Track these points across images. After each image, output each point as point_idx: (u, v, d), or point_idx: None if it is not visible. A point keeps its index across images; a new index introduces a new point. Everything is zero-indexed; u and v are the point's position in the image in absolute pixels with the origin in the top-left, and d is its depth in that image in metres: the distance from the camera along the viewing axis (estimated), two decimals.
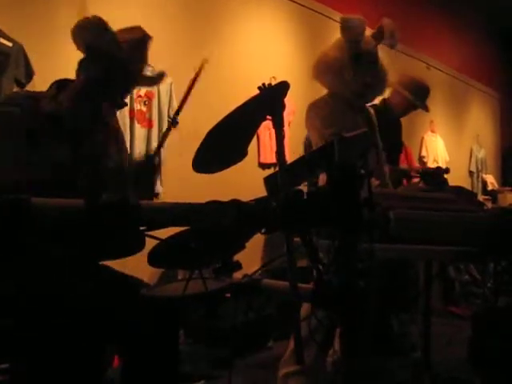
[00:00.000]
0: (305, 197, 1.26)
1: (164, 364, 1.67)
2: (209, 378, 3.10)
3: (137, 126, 3.89)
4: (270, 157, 4.76)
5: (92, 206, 1.09)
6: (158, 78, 2.02)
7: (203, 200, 1.28)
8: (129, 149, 3.81)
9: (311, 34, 5.53)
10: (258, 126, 1.42)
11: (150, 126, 3.99)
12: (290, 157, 3.85)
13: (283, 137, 1.32)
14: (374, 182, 2.47)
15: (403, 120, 6.04)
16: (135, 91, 3.89)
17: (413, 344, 3.43)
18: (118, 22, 1.92)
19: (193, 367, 2.99)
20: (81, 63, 1.85)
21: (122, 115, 3.78)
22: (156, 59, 3.96)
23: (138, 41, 1.86)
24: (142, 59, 1.87)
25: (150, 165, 1.96)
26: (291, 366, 2.48)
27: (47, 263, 1.55)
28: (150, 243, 1.27)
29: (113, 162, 1.92)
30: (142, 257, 1.61)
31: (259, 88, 1.27)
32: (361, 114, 2.80)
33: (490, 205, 6.64)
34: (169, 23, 4.24)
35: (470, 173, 8.79)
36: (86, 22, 1.82)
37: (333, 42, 2.78)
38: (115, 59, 1.80)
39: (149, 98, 3.99)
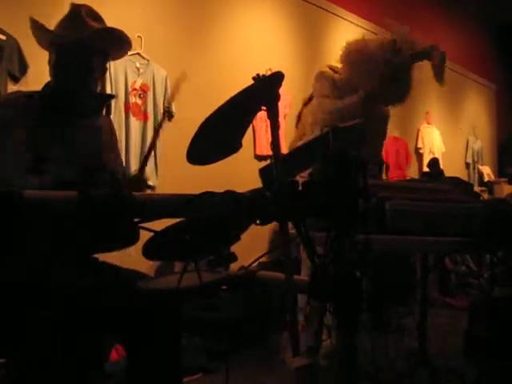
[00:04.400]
0: (300, 187, 1.26)
1: (166, 357, 1.68)
2: (206, 370, 3.11)
3: (132, 118, 3.88)
4: (265, 149, 4.76)
5: (84, 198, 1.09)
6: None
7: (198, 192, 1.27)
8: (124, 142, 3.82)
9: (309, 27, 5.52)
10: (252, 117, 1.41)
11: (145, 119, 3.97)
12: (286, 150, 3.84)
13: (278, 127, 1.31)
14: None
15: (400, 111, 5.95)
16: (130, 84, 3.88)
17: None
18: (115, 15, 1.91)
19: (189, 360, 2.99)
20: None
21: (118, 108, 3.77)
22: (151, 51, 3.98)
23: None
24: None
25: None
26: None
27: (40, 256, 1.54)
28: (144, 235, 1.26)
29: (106, 155, 1.91)
30: (136, 249, 1.61)
31: (254, 78, 1.27)
32: None
33: (486, 196, 6.66)
34: (164, 15, 4.21)
35: (467, 164, 8.80)
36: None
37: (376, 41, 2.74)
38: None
39: (144, 91, 3.98)
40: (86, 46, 1.81)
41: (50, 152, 1.74)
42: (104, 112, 3.48)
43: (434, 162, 6.69)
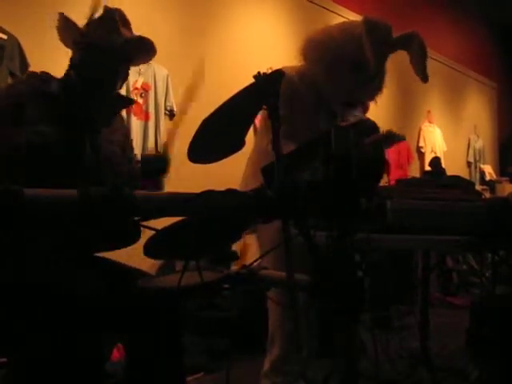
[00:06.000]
0: (301, 186, 1.26)
1: (167, 356, 1.67)
2: (206, 370, 3.11)
3: (133, 118, 3.88)
4: None
5: (85, 196, 1.08)
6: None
7: (200, 191, 1.27)
8: None
9: (311, 27, 5.49)
10: (254, 116, 1.41)
11: (146, 119, 3.97)
12: None
13: (279, 126, 1.31)
14: None
15: (401, 110, 5.99)
16: (131, 83, 3.87)
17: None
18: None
19: (190, 359, 2.98)
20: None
21: None
22: None
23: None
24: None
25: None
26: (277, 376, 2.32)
27: (41, 254, 1.54)
28: (146, 234, 1.26)
29: (115, 151, 1.90)
30: (138, 247, 1.61)
31: (255, 76, 1.27)
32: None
33: (487, 195, 6.66)
34: (166, 13, 4.22)
35: (468, 163, 8.80)
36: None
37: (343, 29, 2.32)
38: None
39: (145, 90, 3.98)
40: (117, 54, 1.82)
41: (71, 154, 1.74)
42: None
43: (435, 161, 6.69)
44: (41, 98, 1.75)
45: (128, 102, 2.16)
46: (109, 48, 1.80)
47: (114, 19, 1.84)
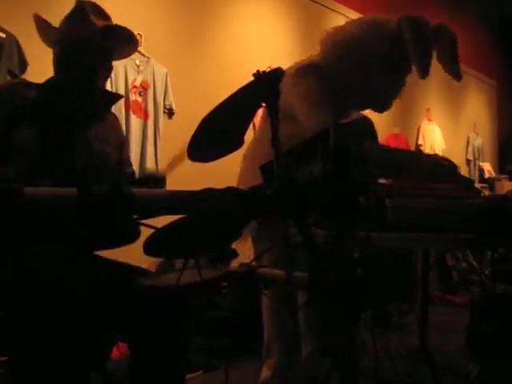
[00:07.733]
0: (300, 184, 1.26)
1: (167, 354, 1.67)
2: (206, 368, 3.11)
3: (132, 116, 3.87)
4: None
5: (84, 194, 1.08)
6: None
7: (199, 189, 1.27)
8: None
9: (310, 25, 5.50)
10: (253, 114, 1.41)
11: (145, 117, 3.97)
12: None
13: (277, 124, 1.30)
14: None
15: (400, 108, 5.92)
16: (130, 81, 3.87)
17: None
18: (115, 13, 1.90)
19: (189, 357, 2.99)
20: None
21: (118, 106, 3.77)
22: (151, 48, 3.97)
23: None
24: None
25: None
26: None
27: (41, 253, 1.54)
28: (145, 232, 1.26)
29: (107, 151, 1.90)
30: (137, 246, 1.61)
31: (254, 75, 1.26)
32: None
33: (487, 193, 6.65)
34: (164, 13, 4.21)
35: (467, 161, 8.80)
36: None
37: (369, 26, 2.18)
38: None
39: (144, 89, 3.97)
40: (90, 44, 1.80)
41: (57, 154, 1.74)
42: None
43: None
44: (27, 103, 1.75)
45: (116, 97, 2.15)
46: (81, 40, 1.78)
47: (83, 10, 1.81)
